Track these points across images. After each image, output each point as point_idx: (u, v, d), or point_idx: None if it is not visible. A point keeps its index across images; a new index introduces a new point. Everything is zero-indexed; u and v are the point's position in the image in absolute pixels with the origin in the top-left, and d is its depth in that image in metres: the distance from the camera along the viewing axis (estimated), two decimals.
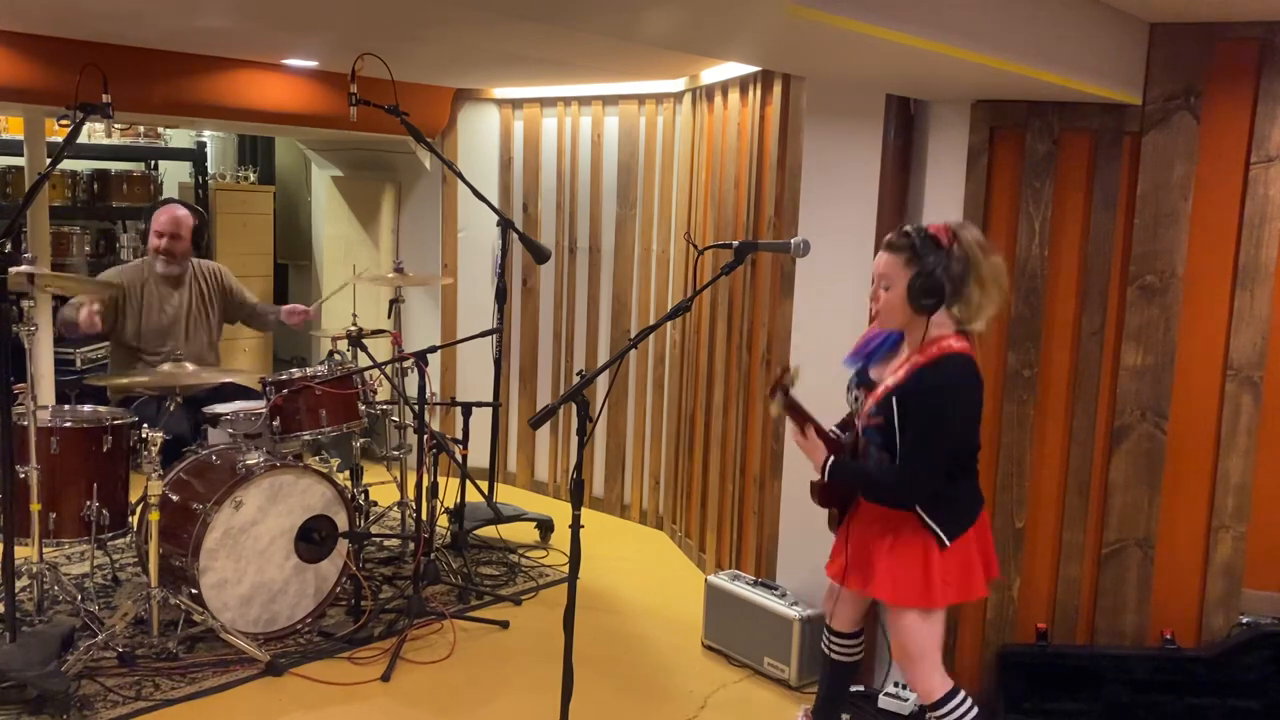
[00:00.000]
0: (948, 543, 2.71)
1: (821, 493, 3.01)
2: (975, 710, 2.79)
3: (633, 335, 4.26)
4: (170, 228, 4.57)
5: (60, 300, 4.75)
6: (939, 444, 2.67)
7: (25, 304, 3.64)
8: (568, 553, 2.64)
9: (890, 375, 2.74)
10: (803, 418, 2.93)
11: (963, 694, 2.81)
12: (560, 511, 4.99)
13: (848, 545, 2.91)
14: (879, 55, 2.73)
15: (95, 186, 6.35)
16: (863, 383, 2.85)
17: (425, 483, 4.10)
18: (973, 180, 3.39)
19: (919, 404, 2.66)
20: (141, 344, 4.57)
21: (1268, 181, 3.13)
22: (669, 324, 5.07)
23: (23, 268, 3.55)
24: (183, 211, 4.63)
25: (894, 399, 2.69)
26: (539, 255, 4.49)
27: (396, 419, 4.74)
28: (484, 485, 4.73)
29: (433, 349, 4.18)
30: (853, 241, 3.59)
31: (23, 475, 3.59)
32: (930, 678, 2.81)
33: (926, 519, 2.72)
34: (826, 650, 3.16)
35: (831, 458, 2.84)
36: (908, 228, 2.73)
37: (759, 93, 4.23)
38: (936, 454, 2.67)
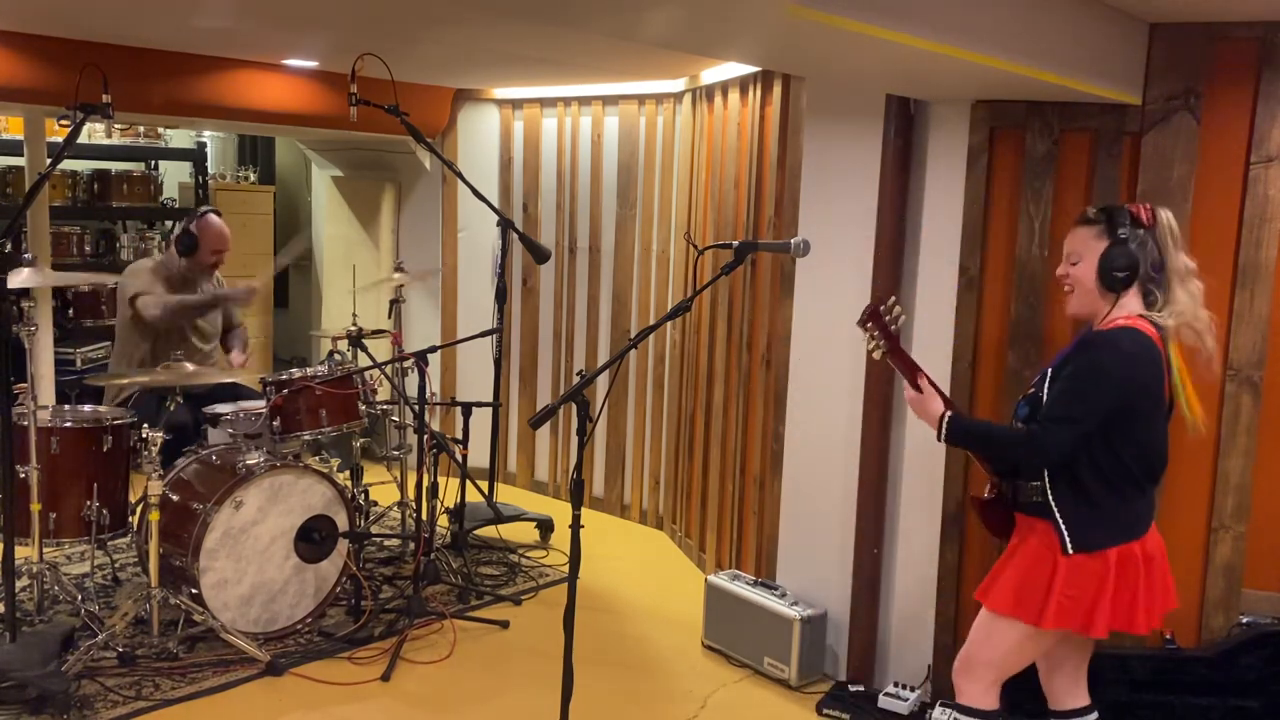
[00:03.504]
0: (1071, 549, 2.43)
1: (984, 512, 2.65)
2: None
3: (633, 335, 4.25)
4: (224, 245, 4.62)
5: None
6: (1081, 402, 2.41)
7: (25, 304, 3.64)
8: (568, 553, 2.64)
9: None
10: (912, 367, 2.60)
11: None
12: (560, 511, 4.99)
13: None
14: (879, 55, 2.73)
15: (95, 186, 6.34)
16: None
17: (425, 483, 4.10)
18: (973, 180, 3.38)
19: (1071, 365, 2.44)
20: (157, 342, 4.53)
21: (1268, 181, 3.13)
22: (669, 324, 5.07)
23: (22, 268, 3.55)
24: (223, 224, 4.66)
25: (1050, 369, 2.52)
26: (539, 255, 4.49)
27: (396, 419, 4.74)
28: (484, 485, 4.73)
29: (433, 349, 4.19)
30: (853, 241, 3.58)
31: (23, 475, 3.59)
32: (977, 687, 2.58)
33: (1056, 513, 2.44)
34: None
35: (949, 413, 2.54)
36: (1103, 205, 2.54)
37: (759, 93, 4.23)
38: (1076, 411, 2.40)
